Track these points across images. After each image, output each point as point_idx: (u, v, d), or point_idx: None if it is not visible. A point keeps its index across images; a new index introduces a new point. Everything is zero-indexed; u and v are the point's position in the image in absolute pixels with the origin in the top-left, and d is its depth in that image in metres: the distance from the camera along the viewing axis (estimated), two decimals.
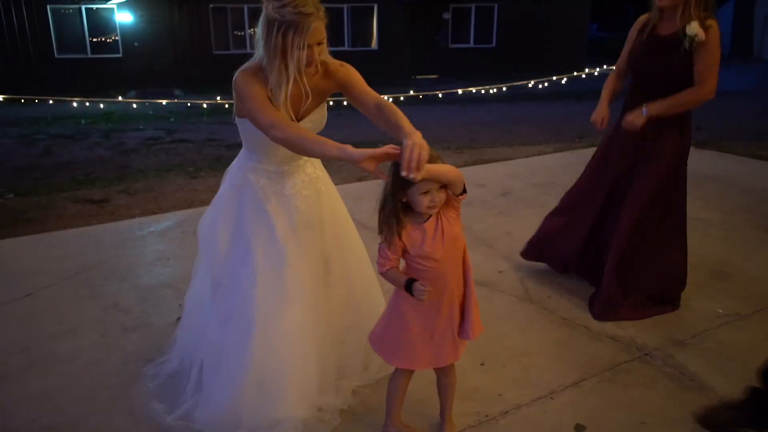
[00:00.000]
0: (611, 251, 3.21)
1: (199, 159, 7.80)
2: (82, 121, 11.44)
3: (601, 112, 3.20)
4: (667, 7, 2.92)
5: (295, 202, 2.30)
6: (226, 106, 11.41)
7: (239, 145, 2.41)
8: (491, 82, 16.09)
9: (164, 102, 6.87)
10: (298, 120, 2.17)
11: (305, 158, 2.35)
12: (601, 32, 37.97)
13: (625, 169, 3.22)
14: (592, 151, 7.18)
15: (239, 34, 17.40)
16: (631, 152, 3.17)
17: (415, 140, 1.77)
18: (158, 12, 16.09)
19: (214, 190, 5.97)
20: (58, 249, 4.17)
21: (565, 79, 7.35)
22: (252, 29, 17.40)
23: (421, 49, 18.95)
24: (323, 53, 2.07)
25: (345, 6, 18.12)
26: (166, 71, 16.48)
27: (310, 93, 2.10)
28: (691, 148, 3.22)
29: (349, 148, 1.84)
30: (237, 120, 2.19)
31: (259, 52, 2.02)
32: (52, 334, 3.05)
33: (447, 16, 19.26)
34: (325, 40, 2.02)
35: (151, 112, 12.37)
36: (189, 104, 9.19)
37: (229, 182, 2.39)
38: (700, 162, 6.30)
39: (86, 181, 6.56)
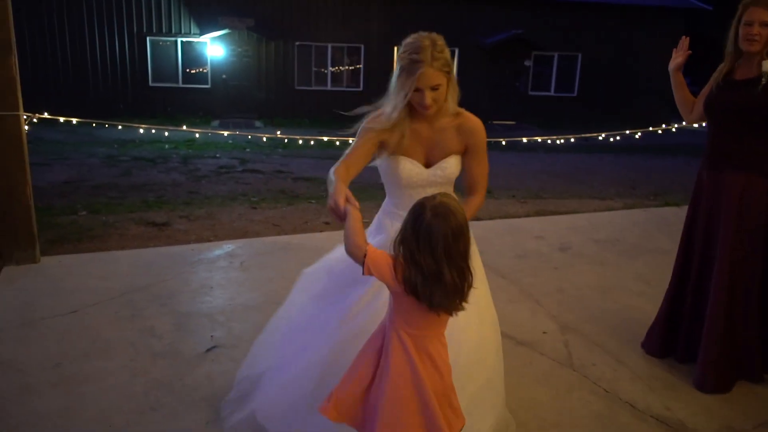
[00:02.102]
0: (708, 317, 2.99)
1: (264, 189, 7.97)
2: (166, 146, 12.03)
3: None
4: (755, 52, 2.84)
5: None
6: (285, 140, 11.71)
7: (305, 179, 2.48)
8: (570, 131, 15.76)
9: (225, 134, 7.09)
10: (428, 167, 2.26)
11: None
12: (694, 86, 36.65)
13: (713, 225, 3.03)
14: (665, 210, 6.87)
15: (322, 71, 17.95)
16: (716, 206, 3.01)
17: None
18: (248, 47, 16.89)
19: (271, 221, 6.11)
20: (110, 268, 4.30)
21: (639, 133, 7.04)
22: (336, 67, 17.96)
23: (500, 94, 18.88)
24: (438, 100, 2.15)
25: None
26: (249, 103, 17.18)
27: (434, 135, 2.24)
28: None
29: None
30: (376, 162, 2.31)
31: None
32: (85, 353, 3.10)
33: (528, 63, 19.15)
34: (441, 87, 2.12)
35: (230, 141, 12.85)
36: (261, 137, 9.54)
37: (373, 227, 2.44)
38: None
39: (155, 203, 6.82)
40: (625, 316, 3.84)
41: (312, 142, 10.63)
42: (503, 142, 7.19)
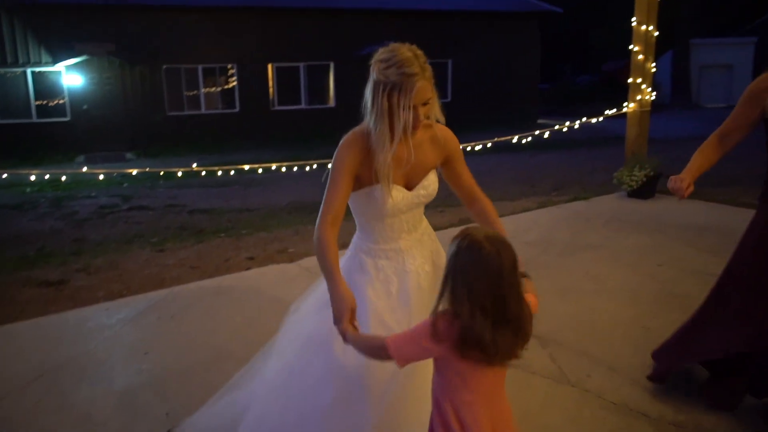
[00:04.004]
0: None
1: (162, 228, 7.24)
2: (28, 189, 10.71)
3: (685, 179, 2.55)
4: None
5: (418, 280, 2.10)
6: (179, 174, 10.92)
7: (202, 211, 2.13)
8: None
9: (134, 172, 6.37)
10: (410, 189, 2.08)
11: (422, 230, 2.19)
12: (542, 84, 39.51)
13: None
14: (577, 205, 7.07)
15: (194, 93, 17.02)
16: None
17: None
18: (109, 74, 15.57)
19: (186, 264, 5.50)
20: (13, 346, 3.57)
21: (525, 139, 7.27)
22: (206, 89, 17.11)
23: None
24: (432, 112, 2.01)
25: (301, 65, 18.06)
26: (117, 134, 15.84)
27: (413, 154, 2.02)
28: (674, 198, 2.84)
29: (342, 291, 1.82)
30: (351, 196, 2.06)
31: (367, 115, 1.99)
32: None
33: None
34: (432, 101, 1.96)
35: (101, 177, 11.71)
36: (147, 169, 8.73)
37: (344, 267, 2.10)
38: (692, 212, 6.19)
39: (38, 258, 5.92)
40: (592, 318, 3.79)
41: (203, 173, 9.94)
42: None
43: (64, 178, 10.12)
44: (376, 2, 18.70)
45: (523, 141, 6.69)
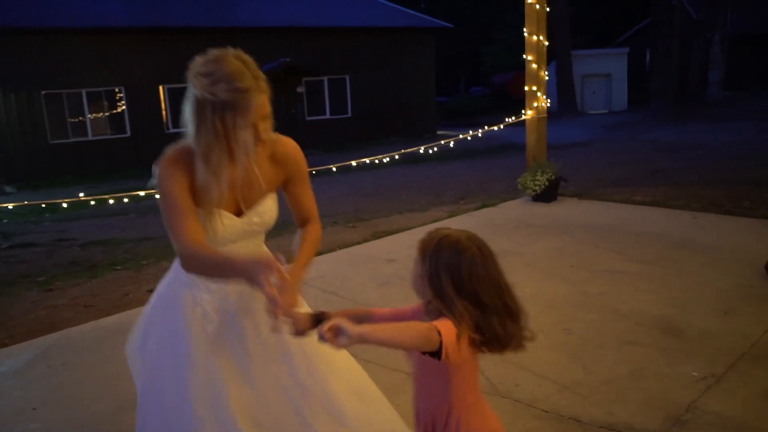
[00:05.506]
0: None
1: (50, 265, 6.61)
2: None
3: None
4: None
5: (242, 321, 1.85)
6: (64, 205, 10.14)
7: (96, 243, 1.91)
8: (350, 151, 16.11)
9: (10, 206, 5.79)
10: (241, 214, 1.84)
11: None
12: (439, 97, 40.80)
13: None
14: (487, 212, 7.17)
15: (79, 119, 15.96)
16: None
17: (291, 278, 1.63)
18: None
19: (80, 303, 5.03)
20: None
21: (431, 150, 7.36)
22: (92, 114, 16.10)
23: (279, 124, 18.51)
24: (268, 129, 1.77)
25: None
26: None
27: (260, 178, 1.83)
28: (575, 200, 2.99)
29: (244, 258, 1.55)
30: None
31: (190, 137, 1.73)
32: None
33: (301, 89, 19.26)
34: (269, 114, 1.73)
35: None
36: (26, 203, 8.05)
37: (157, 302, 1.95)
38: (594, 213, 6.42)
39: None
40: None
41: (93, 202, 9.25)
42: (333, 168, 6.97)
43: None
44: (270, 20, 18.47)
45: (430, 151, 6.68)
